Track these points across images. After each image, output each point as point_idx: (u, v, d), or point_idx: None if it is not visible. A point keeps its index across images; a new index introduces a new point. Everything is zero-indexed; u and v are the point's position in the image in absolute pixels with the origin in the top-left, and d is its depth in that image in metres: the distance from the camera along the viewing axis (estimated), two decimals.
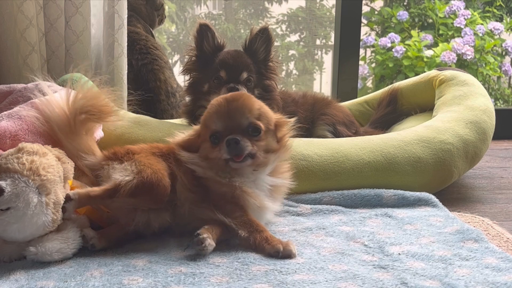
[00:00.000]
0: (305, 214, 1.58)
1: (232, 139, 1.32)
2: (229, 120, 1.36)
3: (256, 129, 1.36)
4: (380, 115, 2.29)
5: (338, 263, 1.23)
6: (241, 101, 1.38)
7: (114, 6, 2.15)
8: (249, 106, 1.38)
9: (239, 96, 1.42)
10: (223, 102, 1.39)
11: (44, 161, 1.27)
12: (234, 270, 1.19)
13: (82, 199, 1.28)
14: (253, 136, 1.36)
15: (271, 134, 1.41)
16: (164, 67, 2.41)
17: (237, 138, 1.32)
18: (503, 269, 1.19)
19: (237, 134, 1.34)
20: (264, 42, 1.88)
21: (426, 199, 1.65)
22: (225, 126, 1.36)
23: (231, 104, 1.37)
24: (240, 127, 1.35)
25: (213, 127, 1.37)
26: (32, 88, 1.80)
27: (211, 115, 1.39)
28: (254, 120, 1.36)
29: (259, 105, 1.40)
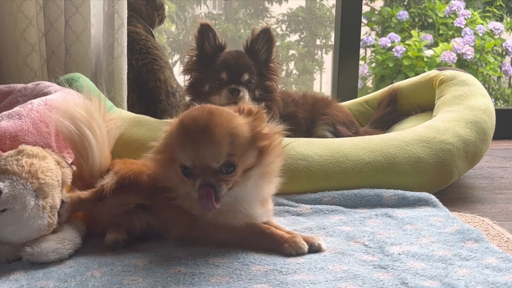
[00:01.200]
0: (305, 214, 1.58)
1: (205, 188, 1.16)
2: (198, 161, 1.18)
3: (230, 165, 1.19)
4: (380, 115, 2.29)
5: (338, 263, 1.23)
6: (210, 139, 1.16)
7: (114, 6, 2.15)
8: (219, 144, 1.16)
9: (206, 128, 1.17)
10: (187, 136, 1.18)
11: (43, 164, 1.27)
12: (234, 270, 1.18)
13: (74, 202, 1.30)
14: (227, 173, 1.19)
15: (249, 151, 1.22)
16: (164, 67, 2.41)
17: (210, 186, 1.16)
18: (503, 269, 1.19)
19: (208, 176, 1.17)
20: (265, 43, 1.88)
21: (426, 199, 1.64)
22: (193, 165, 1.18)
23: (197, 143, 1.17)
24: (211, 168, 1.18)
25: (181, 160, 1.20)
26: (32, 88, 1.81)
27: (176, 147, 1.21)
28: (227, 159, 1.18)
29: (230, 133, 1.18)
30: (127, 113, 2.00)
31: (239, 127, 1.21)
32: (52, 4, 2.13)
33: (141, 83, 2.36)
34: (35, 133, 1.49)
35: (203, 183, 1.17)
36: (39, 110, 1.53)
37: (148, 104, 2.36)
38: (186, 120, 1.21)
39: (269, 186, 1.33)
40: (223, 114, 1.21)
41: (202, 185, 1.17)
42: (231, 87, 1.80)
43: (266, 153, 1.24)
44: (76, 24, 2.15)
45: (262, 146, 1.23)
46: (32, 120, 1.51)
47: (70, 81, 1.88)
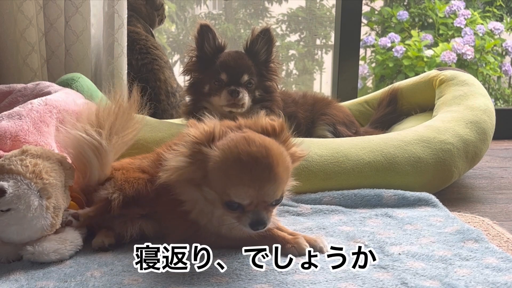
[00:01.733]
0: (305, 214, 1.58)
1: (260, 223, 1.15)
2: (257, 198, 1.14)
3: (281, 198, 1.19)
4: (380, 115, 2.29)
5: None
6: (275, 177, 1.13)
7: (114, 6, 2.15)
8: (282, 180, 1.15)
9: (270, 166, 1.13)
10: (251, 176, 1.12)
11: (47, 164, 1.27)
12: (234, 270, 1.18)
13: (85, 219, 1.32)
14: (275, 205, 1.19)
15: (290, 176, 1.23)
16: (164, 67, 2.41)
17: (265, 221, 1.15)
18: (503, 269, 1.19)
19: (262, 211, 1.15)
20: (265, 44, 1.88)
21: (426, 199, 1.64)
22: (250, 203, 1.15)
23: (263, 182, 1.13)
24: (267, 203, 1.16)
25: (234, 199, 1.14)
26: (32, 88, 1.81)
27: (235, 185, 1.13)
28: (282, 192, 1.18)
29: (286, 165, 1.17)
30: None
31: (287, 157, 1.19)
32: (52, 4, 2.14)
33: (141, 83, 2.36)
34: (35, 133, 1.49)
35: (258, 219, 1.14)
36: (39, 110, 1.53)
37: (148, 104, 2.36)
38: (245, 158, 1.12)
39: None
40: (276, 148, 1.16)
41: (255, 222, 1.14)
42: (230, 88, 1.80)
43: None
44: (76, 24, 2.15)
45: None
46: (32, 120, 1.51)
47: (70, 81, 1.89)
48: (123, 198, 1.31)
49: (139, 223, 1.35)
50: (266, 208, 1.16)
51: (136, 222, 1.34)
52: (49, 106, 1.56)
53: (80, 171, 1.38)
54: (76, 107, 1.65)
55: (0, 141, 1.44)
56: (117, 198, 1.31)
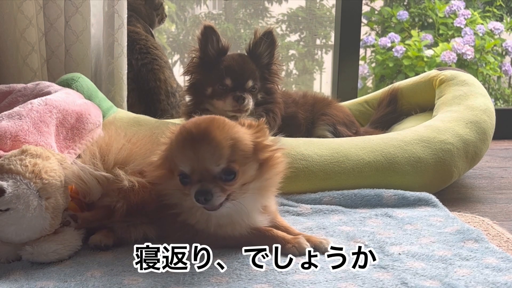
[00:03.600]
0: (305, 214, 1.58)
1: (201, 194, 1.14)
2: (197, 164, 1.15)
3: (230, 172, 1.17)
4: (380, 115, 2.29)
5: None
6: (210, 139, 1.15)
7: (114, 6, 2.15)
8: (220, 145, 1.15)
9: (207, 129, 1.16)
10: (188, 139, 1.17)
11: (47, 164, 1.27)
12: (234, 270, 1.18)
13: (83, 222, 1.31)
14: (226, 180, 1.17)
15: (250, 162, 1.20)
16: (164, 67, 2.41)
17: (208, 192, 1.14)
18: (503, 269, 1.19)
19: (207, 182, 1.15)
20: (268, 47, 1.87)
21: (426, 199, 1.64)
22: (192, 170, 1.16)
23: (197, 144, 1.15)
24: (210, 173, 1.16)
25: (180, 167, 1.18)
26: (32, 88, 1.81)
27: (176, 152, 1.19)
28: (227, 164, 1.16)
29: (231, 137, 1.17)
30: (127, 113, 2.00)
31: (241, 133, 1.20)
32: (52, 4, 2.13)
33: (141, 83, 2.36)
34: (35, 133, 1.49)
35: (200, 189, 1.15)
36: (39, 110, 1.52)
37: (148, 104, 2.36)
38: (187, 125, 1.21)
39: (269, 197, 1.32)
40: (224, 121, 1.21)
41: (198, 192, 1.15)
42: (236, 94, 1.80)
43: (267, 168, 1.23)
44: (76, 24, 2.15)
45: (263, 159, 1.22)
46: (32, 120, 1.51)
47: (70, 81, 1.89)
48: (127, 207, 1.30)
49: (143, 228, 1.34)
50: (214, 182, 1.16)
51: (139, 227, 1.34)
52: (49, 106, 1.56)
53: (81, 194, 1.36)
54: (76, 107, 1.65)
55: (0, 141, 1.44)
56: (121, 207, 1.29)
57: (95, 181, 1.32)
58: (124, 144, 1.37)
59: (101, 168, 1.33)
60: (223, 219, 1.24)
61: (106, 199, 1.32)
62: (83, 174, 1.31)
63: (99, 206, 1.34)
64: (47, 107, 1.55)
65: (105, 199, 1.32)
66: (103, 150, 1.36)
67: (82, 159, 1.37)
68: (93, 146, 1.39)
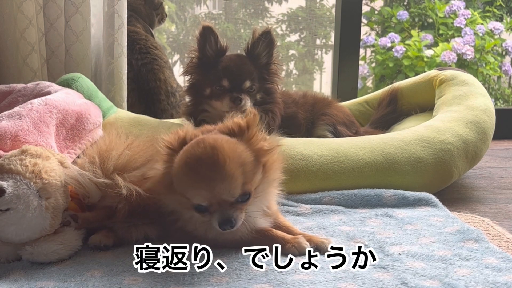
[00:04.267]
0: (305, 214, 1.57)
1: (226, 223, 1.16)
2: (214, 199, 1.15)
3: (245, 194, 1.18)
4: (380, 115, 2.28)
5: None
6: (223, 175, 1.13)
7: (114, 6, 2.14)
8: (234, 178, 1.14)
9: (216, 164, 1.13)
10: (198, 177, 1.15)
11: (47, 164, 1.26)
12: (234, 270, 1.18)
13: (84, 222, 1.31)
14: (243, 202, 1.18)
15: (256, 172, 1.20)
16: (164, 67, 2.41)
17: (231, 220, 1.16)
18: (503, 269, 1.19)
19: (226, 211, 1.16)
20: (266, 46, 1.86)
21: (426, 199, 1.64)
22: (210, 204, 1.17)
23: (211, 182, 1.14)
24: (228, 202, 1.17)
25: (194, 201, 1.18)
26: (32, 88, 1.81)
27: (189, 189, 1.17)
28: (243, 190, 1.16)
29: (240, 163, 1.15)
30: (127, 113, 2.00)
31: (244, 153, 1.18)
32: (52, 4, 2.13)
33: (141, 83, 2.36)
34: (35, 133, 1.49)
35: (223, 219, 1.16)
36: (39, 110, 1.52)
37: (148, 104, 2.36)
38: (191, 160, 1.16)
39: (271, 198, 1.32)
40: (226, 146, 1.16)
41: (222, 222, 1.16)
42: (233, 95, 1.80)
43: (269, 168, 1.23)
44: (76, 24, 2.14)
45: (265, 161, 1.22)
46: (32, 120, 1.51)
47: (70, 81, 1.89)
48: (129, 207, 1.29)
49: (144, 228, 1.34)
50: (233, 207, 1.17)
51: (140, 228, 1.33)
52: (49, 106, 1.56)
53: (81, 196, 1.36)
54: (76, 107, 1.65)
55: (0, 141, 1.44)
56: (123, 208, 1.29)
57: (93, 186, 1.32)
58: (124, 150, 1.36)
59: (100, 174, 1.32)
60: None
61: (108, 200, 1.32)
62: (82, 179, 1.31)
63: (100, 206, 1.34)
64: (47, 107, 1.55)
65: (107, 200, 1.32)
66: (103, 155, 1.35)
67: (80, 164, 1.36)
68: (93, 151, 1.38)
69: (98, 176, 1.31)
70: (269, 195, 1.30)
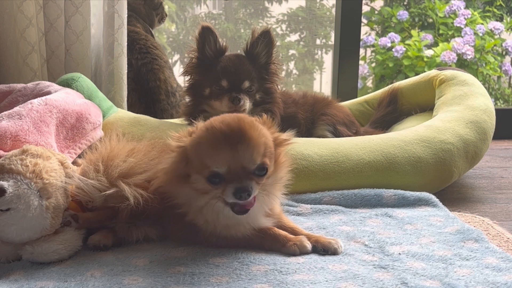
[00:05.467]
0: (305, 214, 1.57)
1: (243, 190, 1.14)
2: (234, 163, 1.15)
3: (263, 168, 1.19)
4: (380, 115, 2.28)
5: (339, 263, 1.23)
6: (247, 138, 1.15)
7: (114, 6, 2.15)
8: (257, 143, 1.16)
9: (241, 128, 1.16)
10: (223, 139, 1.15)
11: (47, 164, 1.26)
12: (234, 270, 1.18)
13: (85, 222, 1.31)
14: (259, 176, 1.19)
15: (273, 157, 1.23)
16: (164, 67, 2.41)
17: (249, 188, 1.15)
18: (503, 269, 1.19)
19: (244, 179, 1.16)
20: (266, 46, 1.86)
21: (426, 199, 1.64)
22: (228, 170, 1.16)
23: (235, 143, 1.15)
24: (247, 170, 1.17)
25: (213, 168, 1.16)
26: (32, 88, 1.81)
27: (210, 153, 1.17)
28: (262, 160, 1.18)
29: (263, 134, 1.19)
30: (127, 113, 2.00)
31: (266, 132, 1.22)
32: (52, 4, 2.13)
33: (141, 82, 2.36)
34: (35, 133, 1.49)
35: (240, 186, 1.15)
36: (39, 110, 1.52)
37: (148, 104, 2.36)
38: (214, 125, 1.18)
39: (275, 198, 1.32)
40: (250, 118, 1.21)
41: (239, 189, 1.15)
42: (232, 95, 1.80)
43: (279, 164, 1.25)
44: (76, 24, 2.14)
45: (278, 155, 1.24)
46: (32, 120, 1.51)
47: (70, 80, 1.89)
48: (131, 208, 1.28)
49: (144, 229, 1.33)
50: (248, 177, 1.17)
51: (141, 228, 1.33)
52: (49, 106, 1.55)
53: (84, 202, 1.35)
54: (76, 107, 1.65)
55: (1, 141, 1.44)
56: (125, 209, 1.28)
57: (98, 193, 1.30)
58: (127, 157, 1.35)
59: (105, 182, 1.30)
60: (231, 220, 1.24)
61: (110, 201, 1.31)
62: (87, 188, 1.30)
63: (102, 207, 1.33)
64: (47, 107, 1.55)
65: (109, 200, 1.31)
66: (106, 163, 1.34)
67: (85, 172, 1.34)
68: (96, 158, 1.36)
69: (103, 185, 1.30)
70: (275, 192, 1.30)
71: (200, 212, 1.25)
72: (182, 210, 1.27)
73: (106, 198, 1.31)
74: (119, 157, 1.34)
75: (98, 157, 1.36)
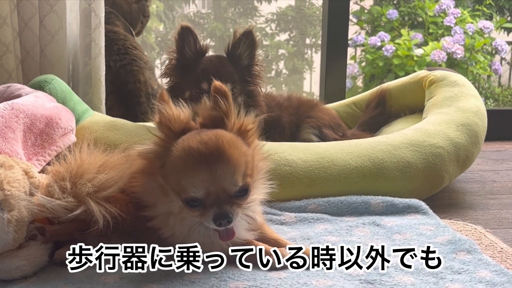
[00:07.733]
0: (289, 223, 1.51)
1: (222, 217, 1.07)
2: (213, 186, 1.07)
3: (245, 189, 1.12)
4: (368, 117, 2.23)
5: (323, 278, 1.16)
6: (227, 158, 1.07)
7: (91, 5, 2.06)
8: (237, 163, 1.08)
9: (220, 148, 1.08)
10: (200, 160, 1.07)
11: (9, 174, 1.19)
12: (211, 286, 1.11)
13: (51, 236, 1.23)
14: (240, 197, 1.11)
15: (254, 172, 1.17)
16: (144, 68, 2.32)
17: (229, 214, 1.07)
18: (497, 283, 1.13)
19: (224, 204, 1.08)
20: (248, 47, 1.79)
21: (416, 206, 1.58)
22: (207, 193, 1.08)
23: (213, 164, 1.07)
24: (227, 193, 1.09)
25: (190, 193, 1.08)
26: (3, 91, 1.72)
27: (187, 175, 1.08)
28: (244, 181, 1.10)
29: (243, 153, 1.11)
30: (104, 116, 1.91)
31: (244, 146, 1.14)
32: (26, 2, 2.04)
33: (120, 85, 2.28)
34: (0, 139, 1.40)
35: (220, 212, 1.07)
36: (4, 115, 1.43)
37: (127, 107, 2.27)
38: (194, 144, 1.09)
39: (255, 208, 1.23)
40: (229, 135, 1.12)
41: (218, 216, 1.07)
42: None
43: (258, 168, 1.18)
44: (51, 23, 2.06)
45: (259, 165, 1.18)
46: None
47: (43, 83, 1.80)
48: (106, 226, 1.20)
49: (116, 242, 1.24)
50: (229, 202, 1.09)
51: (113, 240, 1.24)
52: (15, 111, 1.47)
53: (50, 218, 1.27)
54: (46, 111, 1.57)
55: None
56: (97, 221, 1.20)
57: (65, 211, 1.22)
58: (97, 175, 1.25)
59: (72, 202, 1.21)
60: (205, 238, 1.16)
61: (80, 215, 1.22)
62: (52, 207, 1.21)
63: (72, 219, 1.24)
64: (13, 112, 1.46)
65: (78, 215, 1.22)
66: (74, 181, 1.24)
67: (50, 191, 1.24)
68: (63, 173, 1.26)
69: (70, 205, 1.21)
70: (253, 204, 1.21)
71: (167, 221, 1.17)
72: (148, 213, 1.18)
73: None
74: (89, 173, 1.25)
75: (66, 172, 1.26)
